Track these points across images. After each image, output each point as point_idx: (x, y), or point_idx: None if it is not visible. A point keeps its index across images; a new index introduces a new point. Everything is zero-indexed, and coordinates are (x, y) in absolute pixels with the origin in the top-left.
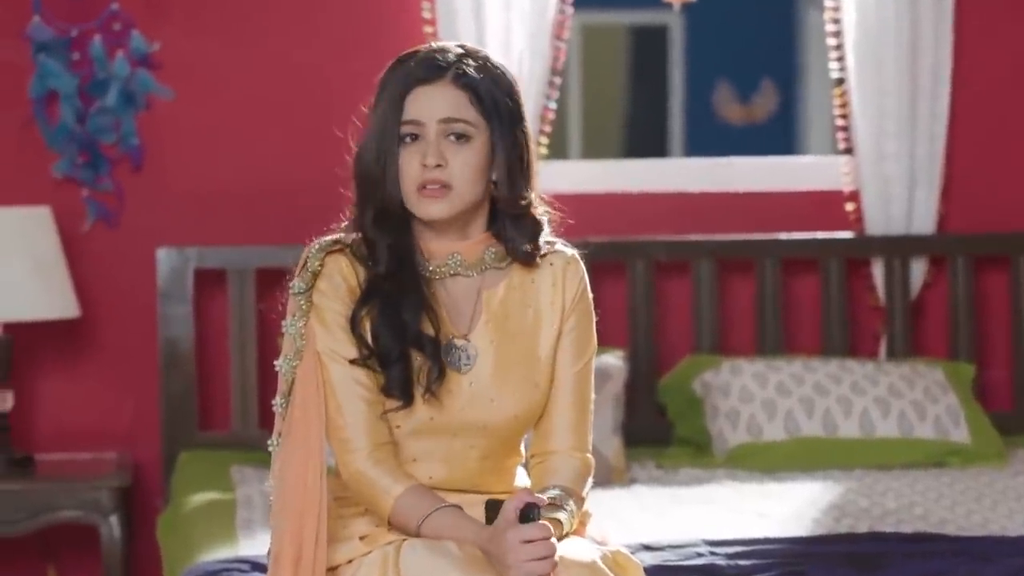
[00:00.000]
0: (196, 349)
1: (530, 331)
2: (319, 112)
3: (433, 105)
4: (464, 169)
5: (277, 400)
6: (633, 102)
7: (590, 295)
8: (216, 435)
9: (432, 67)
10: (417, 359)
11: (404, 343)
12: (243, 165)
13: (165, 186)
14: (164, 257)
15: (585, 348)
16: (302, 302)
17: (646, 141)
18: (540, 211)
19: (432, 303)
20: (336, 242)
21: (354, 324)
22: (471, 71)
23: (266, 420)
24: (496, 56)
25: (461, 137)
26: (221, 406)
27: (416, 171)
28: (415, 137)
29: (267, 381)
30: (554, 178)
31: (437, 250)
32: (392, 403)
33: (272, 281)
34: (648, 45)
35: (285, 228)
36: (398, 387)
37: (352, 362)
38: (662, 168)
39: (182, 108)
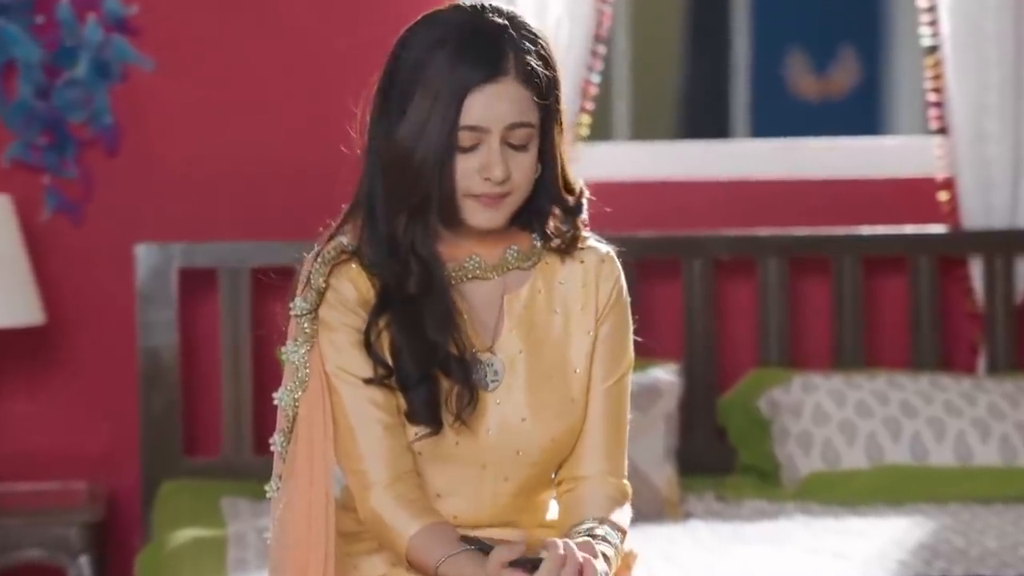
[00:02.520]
0: (181, 362)
1: (560, 339)
2: (326, 85)
3: (500, 109)
4: (523, 176)
5: (276, 438)
6: (690, 74)
7: (627, 298)
8: (204, 462)
9: (494, 59)
10: (444, 381)
11: (430, 363)
12: (236, 147)
13: (144, 172)
14: (144, 254)
15: (620, 359)
16: (305, 325)
17: (705, 120)
18: (583, 193)
19: (457, 321)
20: (342, 252)
21: (369, 340)
22: (532, 60)
23: (262, 445)
24: (530, 23)
25: (522, 146)
26: (210, 428)
27: (475, 182)
28: (474, 146)
29: (264, 399)
30: (597, 163)
31: (453, 251)
32: (416, 430)
33: (271, 283)
34: (708, 7)
35: (285, 221)
36: (424, 412)
37: (367, 382)
38: (723, 151)
39: (164, 81)
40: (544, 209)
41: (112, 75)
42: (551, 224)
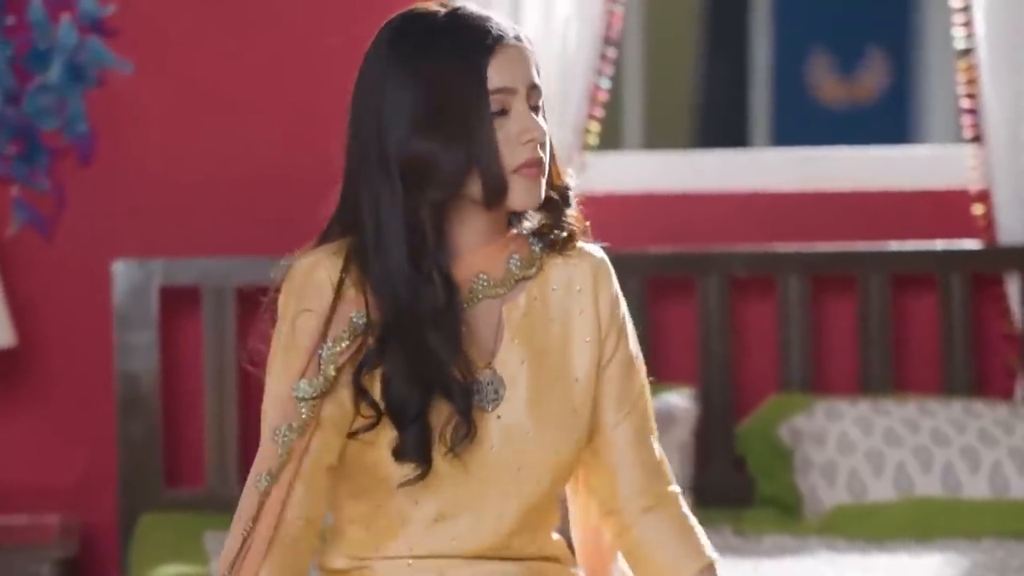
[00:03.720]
0: (161, 386)
1: (559, 347)
2: (318, 87)
3: (521, 68)
4: (547, 143)
5: (262, 476)
6: (706, 78)
7: (624, 307)
8: (186, 493)
9: (495, 28)
10: (442, 410)
11: (432, 390)
12: (221, 156)
13: (122, 183)
14: (122, 272)
15: (630, 366)
16: (304, 410)
17: (722, 127)
18: (572, 182)
19: (461, 341)
20: (356, 333)
21: (360, 380)
22: (521, 32)
23: (248, 474)
24: (536, 23)
25: (538, 108)
26: (192, 457)
27: (514, 149)
28: (502, 112)
29: (250, 426)
30: (607, 174)
31: (460, 272)
32: (404, 469)
33: (258, 303)
34: (726, 7)
35: (274, 235)
36: (415, 450)
37: (351, 435)
38: (742, 161)
39: (144, 85)
40: (546, 209)
41: (87, 79)
42: (541, 220)
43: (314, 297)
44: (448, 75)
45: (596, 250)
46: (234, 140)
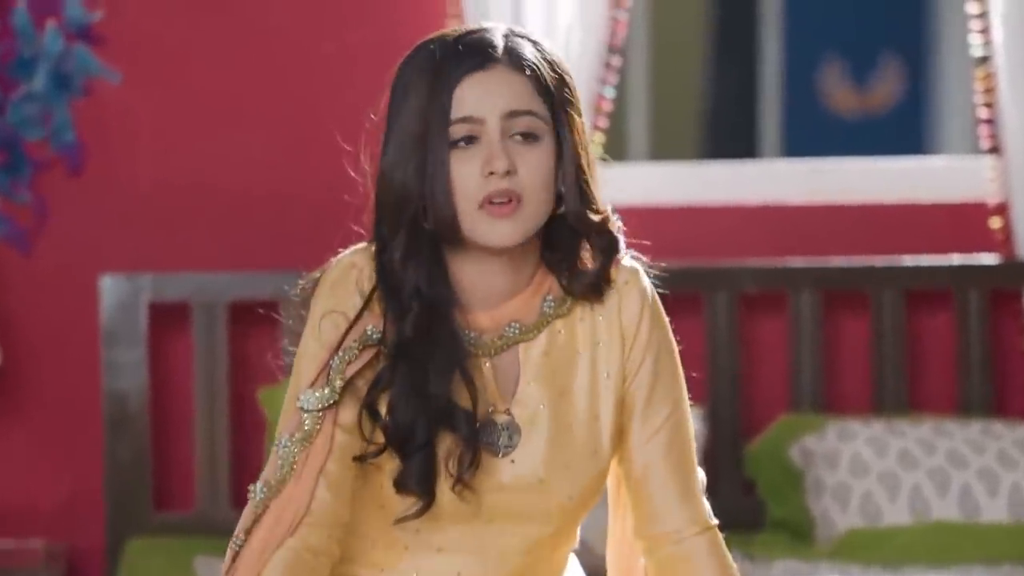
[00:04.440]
0: (150, 406)
1: (586, 383)
2: (313, 96)
3: (493, 96)
4: (535, 175)
5: (257, 485)
6: (714, 87)
7: (663, 317)
8: (176, 517)
9: (482, 48)
10: (447, 440)
11: (432, 421)
12: (212, 167)
13: (110, 195)
14: (109, 287)
15: (670, 389)
16: (307, 421)
17: (731, 138)
18: (616, 225)
19: (472, 376)
20: (366, 344)
21: (373, 402)
22: (528, 50)
23: (240, 498)
24: (538, 30)
25: (528, 136)
26: (182, 480)
27: (476, 182)
28: (470, 140)
29: (242, 448)
30: (611, 186)
31: (486, 318)
32: (404, 500)
33: (250, 319)
34: (735, 12)
35: (268, 249)
36: (418, 481)
37: (358, 459)
38: (751, 172)
39: (132, 94)
40: (570, 242)
41: (73, 88)
42: (580, 261)
43: (345, 299)
44: (417, 98)
45: (626, 263)
46: (226, 150)
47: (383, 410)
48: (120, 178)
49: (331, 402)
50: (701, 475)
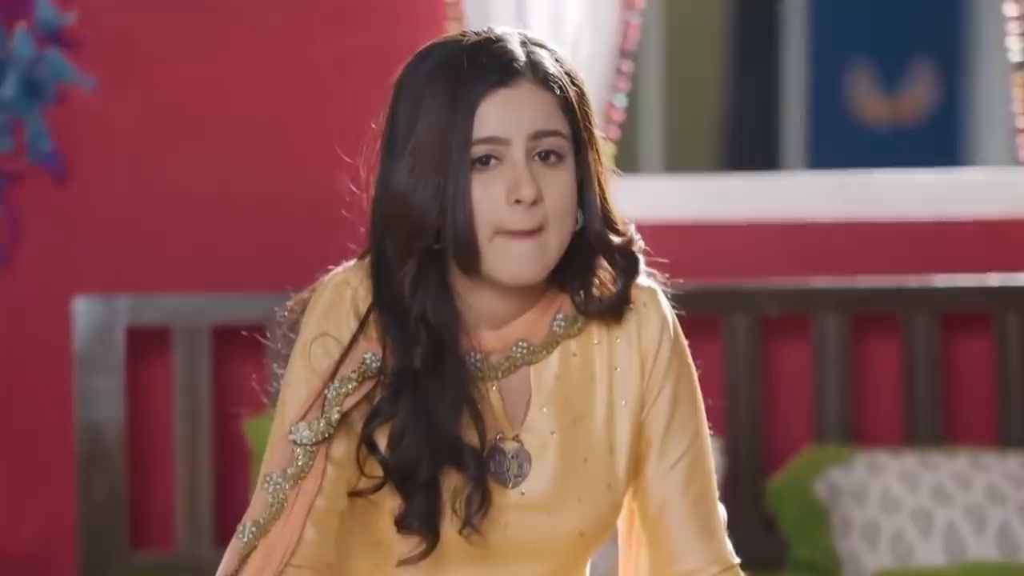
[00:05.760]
0: (127, 438)
1: (602, 410)
2: (304, 105)
3: (519, 115)
4: (561, 202)
5: (246, 525)
6: (734, 95)
7: (682, 342)
8: (154, 557)
9: (505, 61)
10: (453, 478)
11: (438, 458)
12: (194, 182)
13: (84, 211)
14: (83, 309)
15: (690, 418)
16: (300, 456)
17: (751, 149)
18: (638, 245)
19: (479, 405)
20: (365, 375)
21: (370, 436)
22: (549, 64)
23: (223, 536)
24: (544, 33)
25: (550, 156)
26: (161, 517)
27: (500, 210)
28: (488, 160)
29: (225, 482)
30: (623, 201)
31: (493, 338)
32: (405, 540)
33: (235, 344)
34: (756, 15)
35: (253, 269)
36: (421, 520)
37: (354, 494)
38: (773, 186)
39: (108, 102)
40: (587, 261)
41: (45, 96)
42: (597, 279)
43: (339, 322)
44: (435, 114)
45: (644, 284)
46: (209, 162)
47: (382, 443)
48: (95, 192)
49: (326, 435)
50: (722, 511)
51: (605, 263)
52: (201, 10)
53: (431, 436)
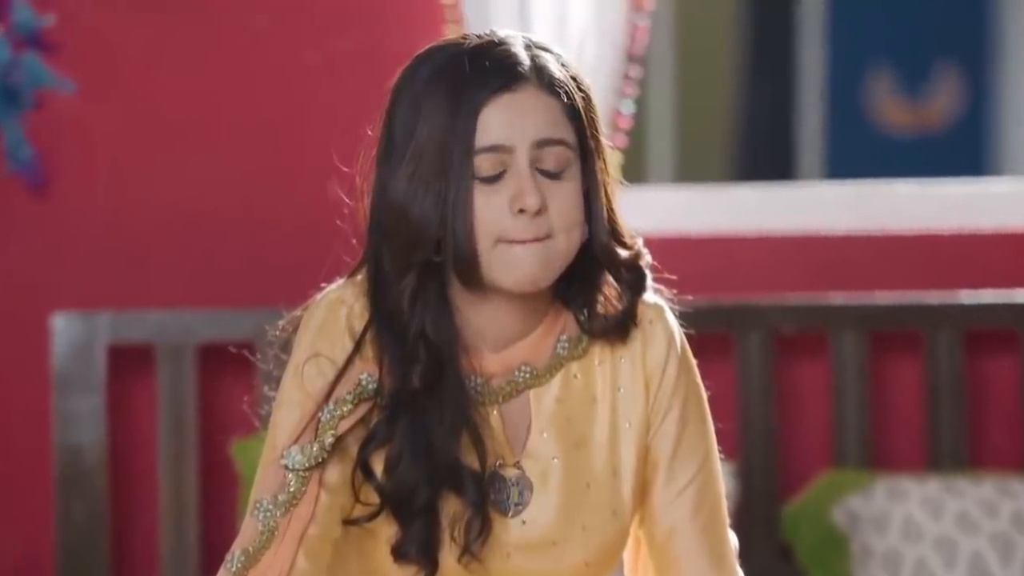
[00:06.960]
0: (109, 461)
1: (605, 433)
2: (292, 111)
3: (523, 122)
4: (565, 213)
5: (235, 553)
6: (748, 101)
7: (690, 360)
8: None
9: (509, 65)
10: (452, 504)
11: (437, 482)
12: (179, 193)
13: (63, 223)
14: (63, 327)
15: (698, 441)
16: (292, 482)
17: (766, 158)
18: (646, 259)
19: (480, 429)
20: (361, 397)
21: (365, 460)
22: (554, 68)
23: (210, 564)
24: (547, 36)
25: (558, 167)
26: (145, 544)
27: (504, 220)
28: (495, 180)
29: (212, 507)
30: (630, 212)
31: (494, 361)
32: (402, 570)
33: (222, 363)
34: (771, 17)
35: (241, 285)
36: (419, 548)
37: (349, 522)
38: (789, 197)
39: (89, 108)
40: (592, 276)
41: (22, 101)
42: (602, 296)
43: (334, 342)
44: (436, 119)
45: (649, 300)
46: (195, 172)
47: (378, 468)
48: (75, 203)
49: (319, 460)
50: (733, 539)
51: (611, 279)
52: (186, 11)
53: (429, 460)
